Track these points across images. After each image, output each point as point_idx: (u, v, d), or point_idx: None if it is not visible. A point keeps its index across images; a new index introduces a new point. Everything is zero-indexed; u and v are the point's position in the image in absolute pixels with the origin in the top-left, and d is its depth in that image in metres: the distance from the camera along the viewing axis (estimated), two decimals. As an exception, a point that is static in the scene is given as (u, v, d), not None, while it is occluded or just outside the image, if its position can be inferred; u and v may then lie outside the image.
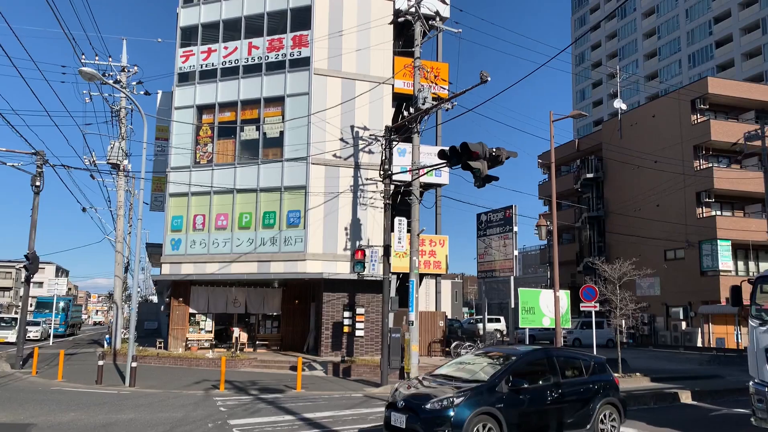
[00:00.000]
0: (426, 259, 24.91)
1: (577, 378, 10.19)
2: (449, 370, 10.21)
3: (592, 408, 9.97)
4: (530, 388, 9.37)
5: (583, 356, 11.00)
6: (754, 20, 67.94)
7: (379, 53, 24.82)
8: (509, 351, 10.51)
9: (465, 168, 11.75)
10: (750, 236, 36.63)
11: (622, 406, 10.52)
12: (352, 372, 19.38)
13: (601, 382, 10.38)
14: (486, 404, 8.69)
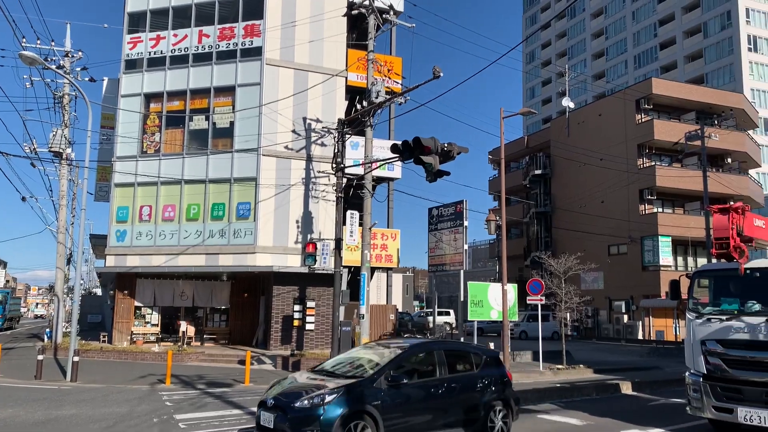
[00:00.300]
0: (378, 252, 24.98)
1: (467, 373, 9.79)
2: (335, 364, 9.72)
3: (482, 404, 9.56)
4: (413, 384, 8.90)
5: (476, 350, 10.65)
6: (696, 24, 70.46)
7: (332, 45, 24.68)
8: (398, 344, 9.91)
9: (417, 162, 11.83)
10: (689, 233, 38.09)
11: (515, 402, 10.18)
12: (302, 366, 19.31)
13: (492, 377, 9.98)
14: (361, 402, 8.17)
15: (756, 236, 9.44)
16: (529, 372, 19.79)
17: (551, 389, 15.51)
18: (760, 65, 65.91)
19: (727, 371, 9.96)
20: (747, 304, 10.06)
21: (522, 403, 13.71)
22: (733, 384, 9.89)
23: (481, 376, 9.84)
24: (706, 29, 69.23)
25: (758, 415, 9.49)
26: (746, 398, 9.71)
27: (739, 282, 10.24)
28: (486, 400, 9.63)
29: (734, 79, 64.66)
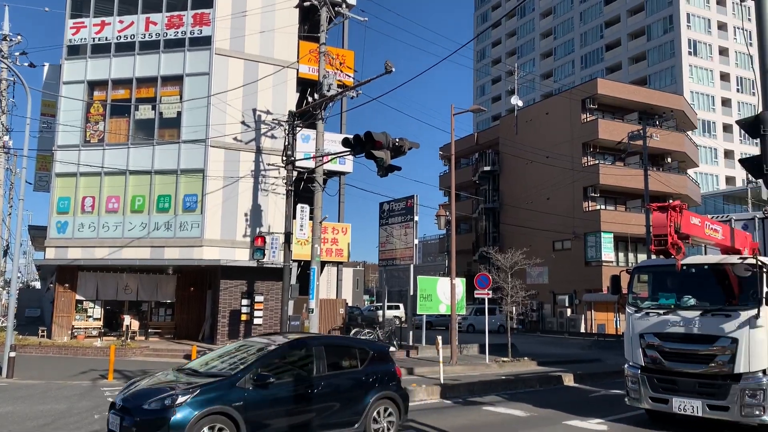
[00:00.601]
0: (328, 246, 24.91)
1: (349, 370, 9.25)
2: (206, 361, 9.11)
3: (365, 403, 8.97)
4: (283, 383, 8.34)
5: (360, 345, 10.08)
6: (640, 27, 72.67)
7: (283, 36, 24.41)
8: (269, 340, 9.23)
9: (368, 157, 11.85)
10: (630, 229, 39.38)
11: (403, 400, 9.62)
12: (250, 360, 19.10)
13: (378, 373, 9.41)
14: (220, 403, 7.59)
15: (692, 233, 9.83)
16: (476, 364, 20.14)
17: (497, 381, 15.82)
18: (700, 69, 68.52)
19: (663, 363, 10.36)
20: (683, 298, 10.49)
21: (468, 395, 14.01)
22: (669, 375, 10.30)
23: (366, 373, 9.28)
24: (650, 32, 71.50)
25: (691, 405, 9.93)
26: (680, 389, 10.14)
27: (676, 277, 10.66)
28: (370, 399, 9.05)
29: (675, 81, 67.04)
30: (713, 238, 10.54)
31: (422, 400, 13.30)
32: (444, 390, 13.95)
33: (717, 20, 70.46)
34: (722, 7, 71.03)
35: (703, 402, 9.82)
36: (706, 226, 10.37)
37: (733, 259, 10.23)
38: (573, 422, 11.09)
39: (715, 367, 9.78)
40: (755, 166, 6.79)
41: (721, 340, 9.74)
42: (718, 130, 68.66)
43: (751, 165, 6.90)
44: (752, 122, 6.80)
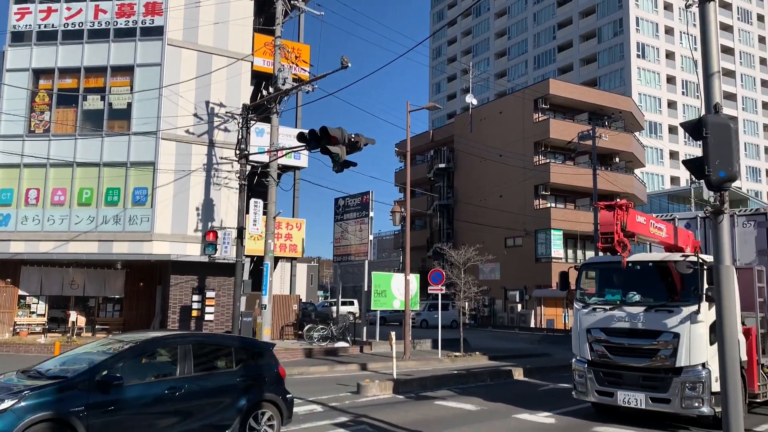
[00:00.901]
0: (282, 242, 24.72)
1: (223, 371, 8.41)
2: (57, 362, 8.27)
3: (238, 408, 8.15)
4: (139, 385, 7.50)
5: (237, 343, 9.17)
6: (591, 29, 74.36)
7: (238, 28, 24.06)
8: (131, 338, 8.45)
9: (324, 152, 11.80)
10: (579, 227, 40.34)
11: (286, 404, 8.78)
12: (201, 356, 18.82)
13: (257, 374, 8.61)
14: (54, 409, 6.72)
15: (638, 232, 10.13)
16: (429, 359, 20.34)
17: (449, 376, 16.01)
18: (647, 71, 70.58)
19: (609, 358, 10.67)
20: (628, 294, 10.83)
21: (421, 390, 14.13)
22: (615, 369, 10.62)
23: (242, 374, 8.42)
24: (600, 34, 73.24)
25: (635, 398, 10.26)
26: (625, 382, 10.47)
27: (621, 274, 10.98)
28: (246, 402, 8.25)
29: (624, 83, 68.88)
30: (657, 237, 10.89)
31: (375, 395, 13.37)
32: (397, 385, 14.05)
33: (664, 24, 72.69)
34: (669, 12, 73.31)
35: (646, 395, 10.16)
36: (651, 224, 10.71)
37: (676, 256, 10.60)
38: (522, 415, 11.32)
39: (658, 361, 10.13)
40: (697, 167, 7.03)
41: (663, 335, 10.09)
42: (664, 132, 70.91)
43: (694, 166, 7.14)
44: (695, 125, 7.04)
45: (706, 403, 9.70)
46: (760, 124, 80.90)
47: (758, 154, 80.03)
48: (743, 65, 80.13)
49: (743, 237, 12.23)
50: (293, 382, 15.36)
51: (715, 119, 6.91)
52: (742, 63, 79.95)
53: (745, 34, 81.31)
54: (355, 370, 17.91)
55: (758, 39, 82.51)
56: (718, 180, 6.81)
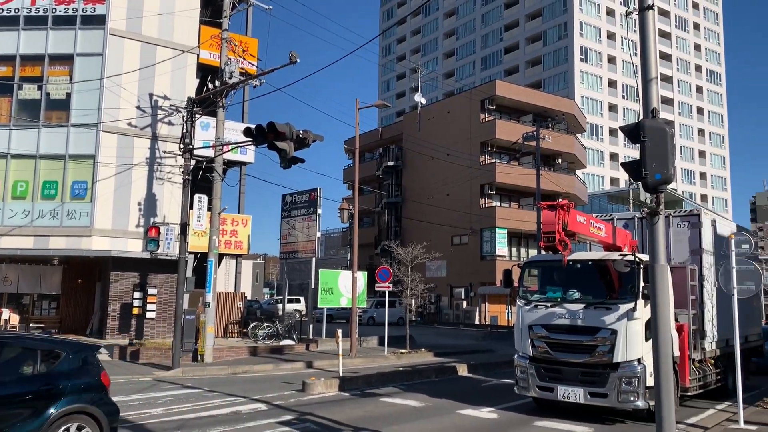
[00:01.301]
0: (227, 238, 24.33)
1: (25, 376, 7.26)
2: None
3: (43, 419, 7.00)
4: None
5: (47, 345, 7.91)
6: (537, 32, 75.96)
7: (184, 20, 23.51)
8: None
9: (271, 148, 11.65)
10: (522, 226, 41.20)
11: (107, 416, 7.60)
12: (141, 356, 18.38)
13: (71, 381, 7.42)
14: None
15: (578, 231, 10.41)
16: (375, 356, 20.41)
17: (394, 373, 16.11)
18: (590, 75, 72.60)
19: (550, 354, 10.95)
20: (569, 292, 11.13)
21: (366, 387, 14.16)
22: (555, 365, 10.90)
23: (49, 380, 7.29)
24: (546, 38, 74.91)
25: (574, 393, 10.56)
26: (565, 378, 10.76)
27: (562, 272, 11.27)
28: (53, 413, 7.08)
29: (567, 86, 70.67)
30: (597, 236, 11.22)
31: (320, 393, 13.33)
32: (342, 383, 14.04)
33: (607, 30, 74.90)
34: (612, 18, 75.57)
35: (585, 390, 10.47)
36: (590, 224, 11.02)
37: (614, 255, 10.95)
38: (466, 411, 11.50)
39: (596, 357, 10.44)
40: (635, 169, 7.28)
41: (602, 332, 10.41)
42: (604, 134, 73.13)
43: (632, 168, 7.39)
44: (633, 129, 7.29)
45: (641, 397, 10.06)
46: (694, 128, 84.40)
47: (693, 157, 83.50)
48: (680, 71, 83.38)
49: (677, 237, 12.72)
50: (237, 381, 15.19)
51: (653, 124, 7.17)
52: (679, 69, 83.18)
53: (682, 42, 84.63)
54: (300, 368, 17.81)
55: (694, 46, 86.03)
56: (654, 182, 7.07)
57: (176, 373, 16.03)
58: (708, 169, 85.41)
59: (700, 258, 12.38)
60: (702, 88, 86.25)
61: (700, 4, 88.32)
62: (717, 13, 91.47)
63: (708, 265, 12.56)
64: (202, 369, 16.76)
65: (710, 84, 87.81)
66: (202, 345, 18.08)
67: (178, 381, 14.97)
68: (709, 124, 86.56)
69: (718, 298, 12.69)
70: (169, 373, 15.97)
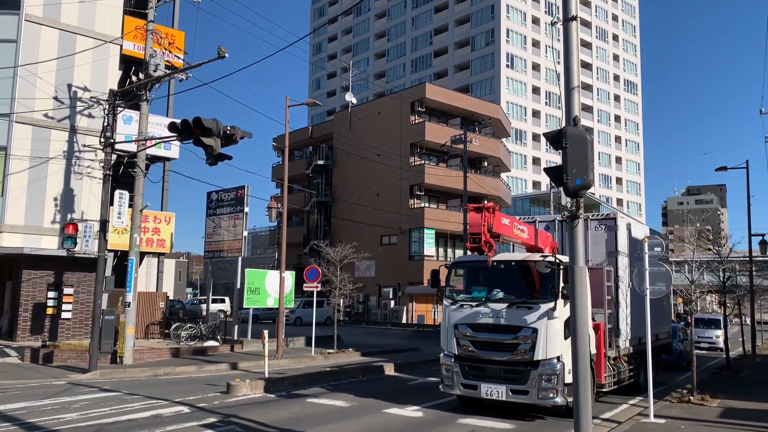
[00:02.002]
0: (149, 236, 23.55)
1: None
2: None
3: None
4: None
5: None
6: (465, 37, 77.48)
7: (106, 9, 22.59)
8: None
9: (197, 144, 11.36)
10: (450, 226, 41.95)
11: None
12: (56, 358, 17.53)
13: None
14: None
15: (503, 233, 10.70)
16: (302, 357, 20.27)
17: (321, 373, 16.05)
18: (515, 81, 74.71)
19: (474, 352, 11.20)
20: (493, 292, 11.42)
21: (293, 388, 14.06)
22: (479, 363, 11.16)
23: None
24: (474, 43, 76.54)
25: (497, 390, 10.85)
26: (488, 375, 11.04)
27: (487, 273, 11.56)
28: None
29: (494, 91, 72.46)
30: (520, 238, 11.57)
31: (245, 395, 13.12)
32: (268, 384, 13.87)
33: (532, 38, 77.30)
34: (537, 26, 78.05)
35: (507, 387, 10.77)
36: (514, 226, 11.35)
37: (536, 256, 11.32)
38: (392, 410, 11.60)
39: (518, 355, 10.77)
40: (557, 174, 7.55)
41: (523, 330, 10.75)
42: (528, 139, 75.46)
43: (554, 174, 7.66)
44: (556, 136, 7.56)
45: (559, 394, 10.45)
46: (612, 135, 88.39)
47: (610, 162, 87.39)
48: (599, 80, 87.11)
49: (595, 239, 13.29)
50: (158, 383, 14.73)
51: (574, 131, 7.46)
52: (598, 78, 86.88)
53: (602, 52, 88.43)
54: (225, 370, 17.47)
55: (613, 57, 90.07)
56: (574, 187, 7.35)
57: (93, 376, 15.40)
58: (624, 175, 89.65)
59: (616, 260, 12.99)
60: (620, 96, 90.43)
61: (619, 16, 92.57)
62: (635, 25, 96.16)
63: (623, 266, 13.19)
64: (121, 371, 16.17)
65: (627, 93, 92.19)
66: (122, 346, 17.44)
67: (95, 384, 14.38)
68: (625, 132, 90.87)
69: (632, 298, 13.36)
70: (85, 376, 15.32)
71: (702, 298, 37.72)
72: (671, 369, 19.30)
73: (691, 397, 12.84)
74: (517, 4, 76.15)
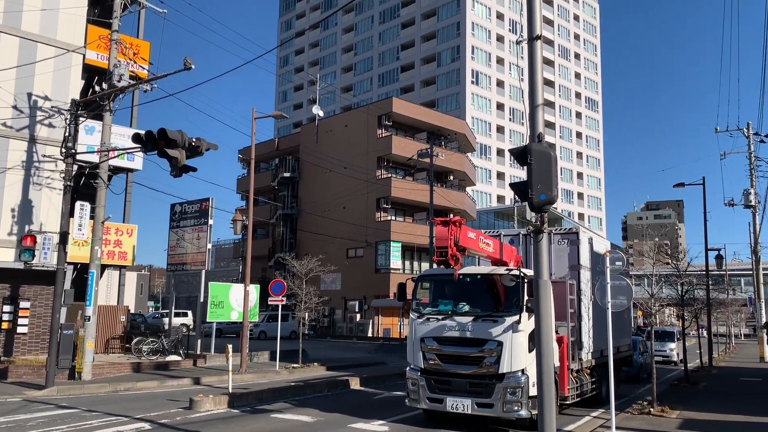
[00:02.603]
0: (111, 248, 23.08)
1: None
2: None
3: None
4: None
5: None
6: (432, 53, 78.39)
7: (69, 17, 22.21)
8: None
9: (161, 155, 11.27)
10: (416, 240, 42.13)
11: None
12: (10, 374, 17.00)
13: None
14: None
15: (469, 246, 10.81)
16: (266, 372, 20.05)
17: (286, 388, 15.90)
18: (480, 97, 75.78)
19: (440, 365, 11.24)
20: (459, 305, 11.50)
21: (257, 403, 13.89)
22: (445, 377, 11.20)
23: None
24: (440, 59, 77.47)
25: (462, 404, 10.89)
26: (454, 389, 11.08)
27: (454, 286, 11.64)
28: None
29: (459, 106, 73.34)
30: (486, 251, 11.70)
31: (209, 410, 12.90)
32: (232, 399, 13.68)
33: (496, 55, 78.62)
34: (501, 44, 79.45)
35: (472, 400, 10.82)
36: (480, 240, 11.48)
37: (501, 270, 11.46)
38: (357, 425, 11.54)
39: (483, 368, 10.84)
40: (522, 190, 7.70)
41: (489, 344, 10.83)
42: (492, 154, 76.48)
43: (519, 189, 7.81)
44: (521, 152, 7.72)
45: (524, 407, 10.54)
46: (574, 151, 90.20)
47: (572, 178, 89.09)
48: (562, 97, 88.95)
49: (558, 253, 13.51)
50: (119, 399, 14.40)
51: (539, 148, 7.62)
52: (561, 96, 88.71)
53: (564, 70, 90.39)
54: (188, 385, 17.16)
55: (575, 75, 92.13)
56: (539, 202, 7.50)
57: (50, 393, 14.97)
58: (585, 190, 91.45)
59: (578, 273, 13.22)
60: (581, 114, 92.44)
61: (581, 35, 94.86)
62: (596, 45, 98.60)
63: (585, 280, 13.43)
64: (79, 387, 15.75)
65: (588, 110, 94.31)
66: (81, 361, 17.00)
67: (52, 401, 13.97)
68: (586, 148, 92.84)
69: (594, 311, 13.60)
70: (42, 393, 14.88)
71: (661, 311, 38.59)
72: (632, 381, 19.65)
73: (651, 409, 13.10)
74: (482, 22, 77.43)
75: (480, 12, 77.39)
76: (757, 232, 31.72)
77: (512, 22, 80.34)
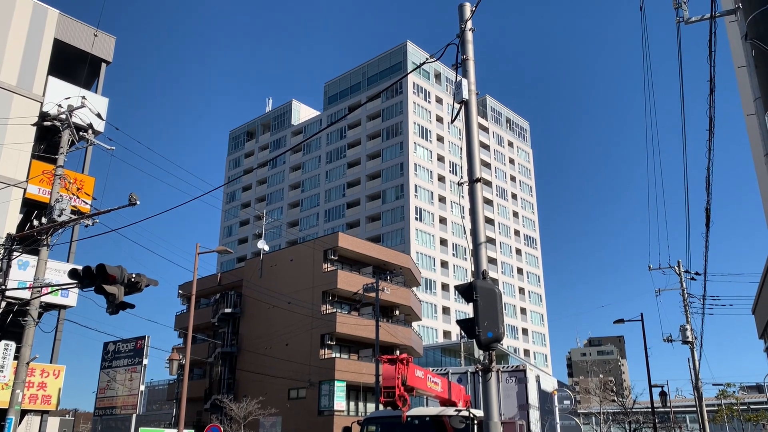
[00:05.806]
0: (34, 392, 21.46)
1: None
2: None
3: None
4: None
5: None
6: (377, 191, 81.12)
7: (14, 153, 22.17)
8: None
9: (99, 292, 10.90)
10: (362, 378, 40.88)
11: None
12: None
13: None
14: None
15: (417, 386, 10.56)
16: None
17: None
18: (424, 233, 77.78)
19: None
20: (407, 449, 10.99)
21: None
22: None
23: None
24: (384, 197, 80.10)
25: None
26: None
27: (402, 428, 11.18)
28: None
29: (404, 241, 74.83)
30: (434, 391, 11.44)
31: None
32: None
33: (438, 194, 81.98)
34: (443, 184, 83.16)
35: None
36: (428, 379, 11.25)
37: (451, 411, 11.14)
38: None
39: None
40: (469, 327, 7.71)
41: (439, 491, 10.26)
42: (437, 288, 77.20)
43: (466, 326, 7.82)
44: (467, 288, 7.82)
45: None
46: (515, 286, 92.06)
47: (515, 313, 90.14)
48: (501, 234, 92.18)
49: (507, 392, 13.33)
50: None
51: (484, 285, 7.74)
52: (500, 233, 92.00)
53: (503, 209, 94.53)
54: None
55: (513, 213, 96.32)
56: (486, 340, 7.49)
57: None
58: (529, 325, 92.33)
59: (527, 413, 13.00)
60: (521, 250, 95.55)
61: (517, 177, 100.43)
62: (531, 186, 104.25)
63: (534, 420, 13.17)
64: None
65: (527, 247, 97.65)
66: None
67: None
68: (528, 284, 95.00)
69: (545, 452, 13.21)
70: None
71: (611, 451, 37.85)
72: None
73: None
74: (424, 163, 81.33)
75: (422, 154, 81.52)
76: (697, 368, 32.28)
77: (452, 164, 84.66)
